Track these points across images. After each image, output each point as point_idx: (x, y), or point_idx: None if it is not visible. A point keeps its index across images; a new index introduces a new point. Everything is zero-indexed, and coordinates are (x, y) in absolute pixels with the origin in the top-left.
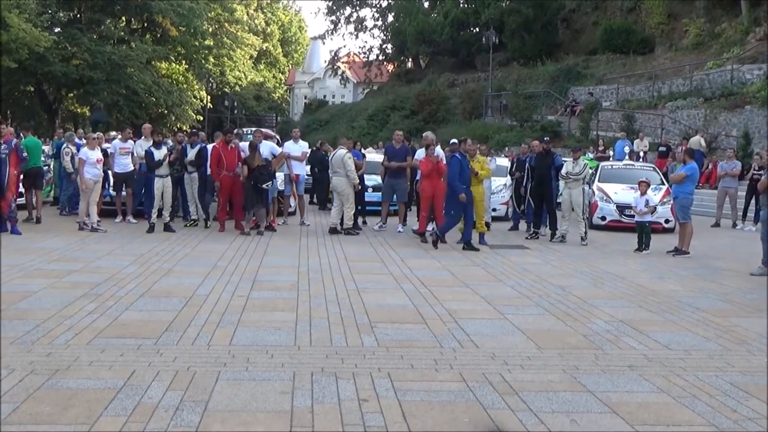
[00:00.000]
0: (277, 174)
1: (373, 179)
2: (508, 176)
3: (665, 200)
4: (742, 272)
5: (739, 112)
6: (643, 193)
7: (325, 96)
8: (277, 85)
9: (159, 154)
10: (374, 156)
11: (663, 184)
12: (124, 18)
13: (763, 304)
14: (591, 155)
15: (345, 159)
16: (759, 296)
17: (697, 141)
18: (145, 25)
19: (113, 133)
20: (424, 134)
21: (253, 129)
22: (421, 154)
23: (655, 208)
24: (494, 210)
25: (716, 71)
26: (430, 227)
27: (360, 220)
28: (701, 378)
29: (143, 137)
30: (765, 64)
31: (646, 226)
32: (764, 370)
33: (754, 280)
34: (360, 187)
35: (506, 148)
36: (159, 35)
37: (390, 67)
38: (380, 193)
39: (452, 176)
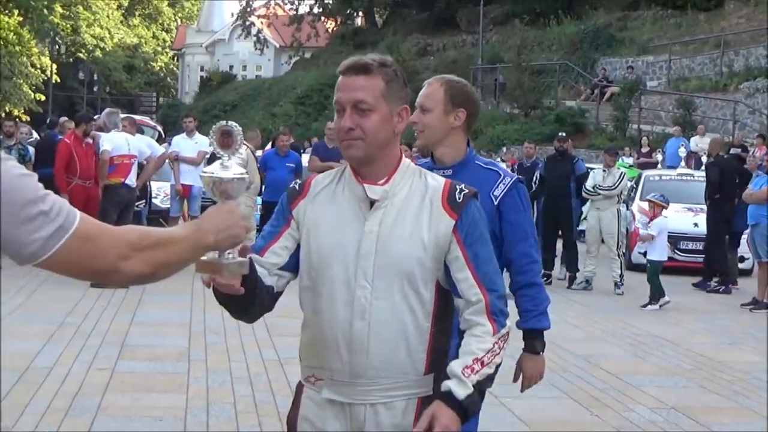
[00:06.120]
0: (158, 185)
1: None
2: None
3: None
4: None
5: None
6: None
7: (232, 67)
8: (159, 49)
9: None
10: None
11: None
12: None
13: None
14: (629, 160)
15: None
16: None
17: None
18: None
19: None
20: None
21: (123, 115)
22: None
23: None
24: None
25: None
26: None
27: None
28: None
29: None
30: None
31: None
32: None
33: None
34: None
35: (504, 149)
36: None
37: (330, 25)
38: None
39: None
